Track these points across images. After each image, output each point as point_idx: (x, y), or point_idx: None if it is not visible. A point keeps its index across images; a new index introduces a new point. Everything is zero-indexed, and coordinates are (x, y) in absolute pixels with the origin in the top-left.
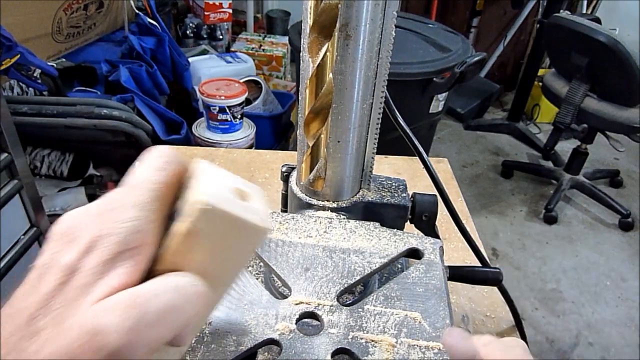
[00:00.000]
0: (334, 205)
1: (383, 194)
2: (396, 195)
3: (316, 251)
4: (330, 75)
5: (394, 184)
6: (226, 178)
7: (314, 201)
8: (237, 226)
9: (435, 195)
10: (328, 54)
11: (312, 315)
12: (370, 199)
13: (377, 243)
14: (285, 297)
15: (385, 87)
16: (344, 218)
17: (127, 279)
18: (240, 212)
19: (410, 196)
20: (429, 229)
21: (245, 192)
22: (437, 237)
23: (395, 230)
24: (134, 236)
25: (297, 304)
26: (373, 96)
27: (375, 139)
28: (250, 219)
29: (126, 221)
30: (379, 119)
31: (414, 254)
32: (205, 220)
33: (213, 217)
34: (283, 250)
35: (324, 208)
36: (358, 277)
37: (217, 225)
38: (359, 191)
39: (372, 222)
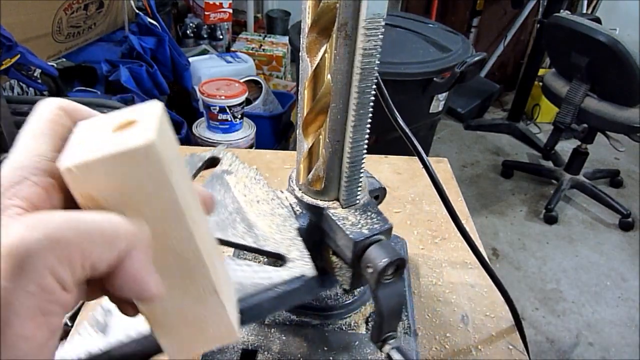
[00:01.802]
0: (332, 204)
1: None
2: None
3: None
4: (329, 76)
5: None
6: (106, 122)
7: (315, 201)
8: (109, 165)
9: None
10: (327, 54)
11: None
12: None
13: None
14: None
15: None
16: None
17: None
18: (104, 150)
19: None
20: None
21: (131, 121)
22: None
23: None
24: (15, 172)
25: None
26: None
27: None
28: (117, 150)
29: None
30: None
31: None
32: (78, 183)
33: (81, 177)
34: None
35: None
36: None
37: (92, 178)
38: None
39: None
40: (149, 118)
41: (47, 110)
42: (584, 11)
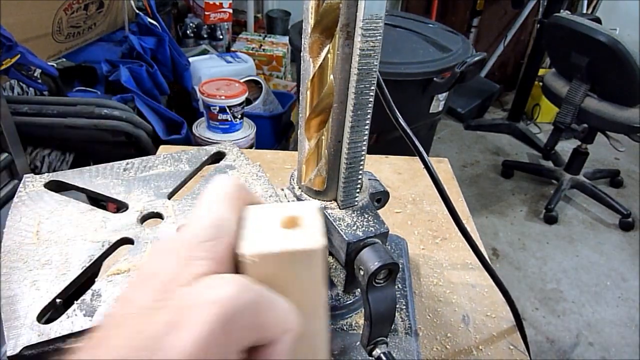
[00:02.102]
0: (330, 204)
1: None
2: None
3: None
4: (332, 76)
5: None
6: (273, 213)
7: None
8: (286, 260)
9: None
10: (329, 55)
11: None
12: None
13: None
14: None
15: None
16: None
17: (208, 267)
18: (284, 246)
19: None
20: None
21: (296, 218)
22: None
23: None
24: (210, 230)
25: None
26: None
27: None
28: (295, 247)
29: (201, 218)
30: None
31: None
32: (255, 267)
33: (259, 264)
34: None
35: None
36: None
37: (268, 266)
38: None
39: None
40: (313, 219)
41: (228, 184)
42: (584, 11)
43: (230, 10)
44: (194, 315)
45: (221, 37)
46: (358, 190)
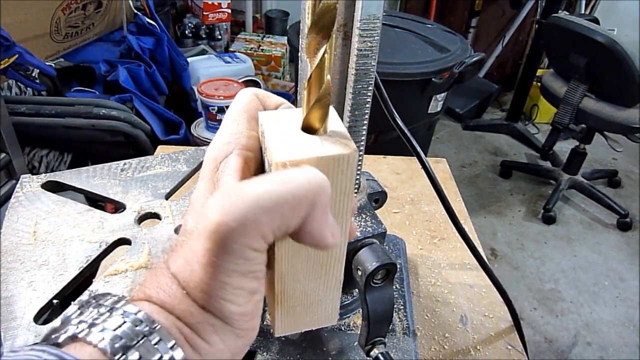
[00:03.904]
0: None
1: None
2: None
3: None
4: (328, 76)
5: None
6: (293, 118)
7: None
8: (320, 164)
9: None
10: (326, 54)
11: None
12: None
13: None
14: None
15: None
16: None
17: (235, 168)
18: (318, 152)
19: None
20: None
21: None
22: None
23: None
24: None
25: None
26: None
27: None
28: (331, 153)
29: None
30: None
31: None
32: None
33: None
34: None
35: None
36: None
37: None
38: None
39: None
40: (335, 124)
41: (244, 97)
42: (582, 12)
43: (229, 11)
44: (196, 236)
45: (220, 37)
46: (356, 190)
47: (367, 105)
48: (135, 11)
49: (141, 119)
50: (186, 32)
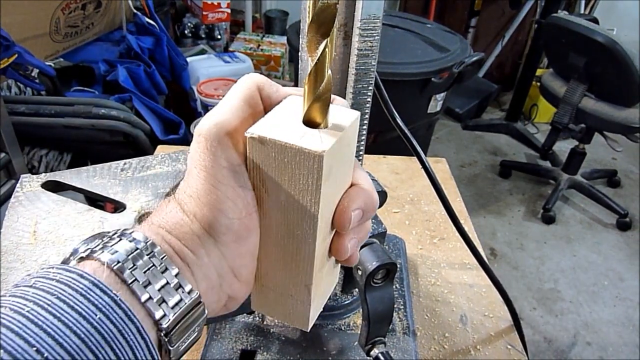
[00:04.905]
0: None
1: None
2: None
3: None
4: (329, 72)
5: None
6: (297, 106)
7: None
8: (280, 151)
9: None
10: (327, 49)
11: None
12: None
13: None
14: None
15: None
16: None
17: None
18: (283, 137)
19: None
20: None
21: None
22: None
23: None
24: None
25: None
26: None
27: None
28: (292, 143)
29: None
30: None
31: None
32: (253, 149)
33: (256, 146)
34: None
35: None
36: None
37: (263, 151)
38: None
39: None
40: (336, 127)
41: (246, 80)
42: (582, 11)
43: (228, 10)
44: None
45: (219, 37)
46: None
47: (367, 105)
48: (135, 11)
49: (141, 118)
50: (185, 31)
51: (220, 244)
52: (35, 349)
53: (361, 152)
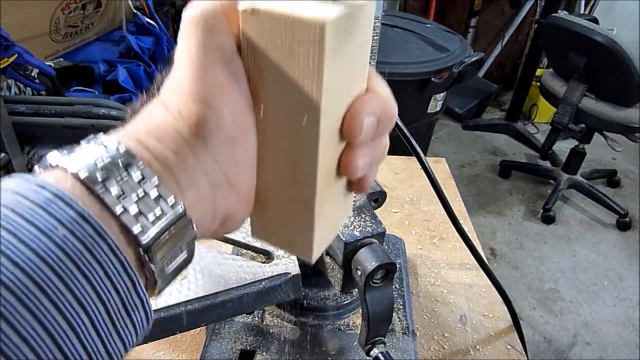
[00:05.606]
0: None
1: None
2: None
3: None
4: None
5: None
6: None
7: None
8: (281, 23)
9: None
10: None
11: None
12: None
13: None
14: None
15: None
16: None
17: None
18: (284, 8)
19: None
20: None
21: None
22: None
23: None
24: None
25: None
26: None
27: None
28: (294, 14)
29: None
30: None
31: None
32: (248, 25)
33: (253, 21)
34: None
35: None
36: None
37: (262, 27)
38: None
39: None
40: (349, 5)
41: None
42: (582, 11)
43: None
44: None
45: None
46: None
47: None
48: (135, 11)
49: None
50: None
51: (211, 145)
52: None
53: None
